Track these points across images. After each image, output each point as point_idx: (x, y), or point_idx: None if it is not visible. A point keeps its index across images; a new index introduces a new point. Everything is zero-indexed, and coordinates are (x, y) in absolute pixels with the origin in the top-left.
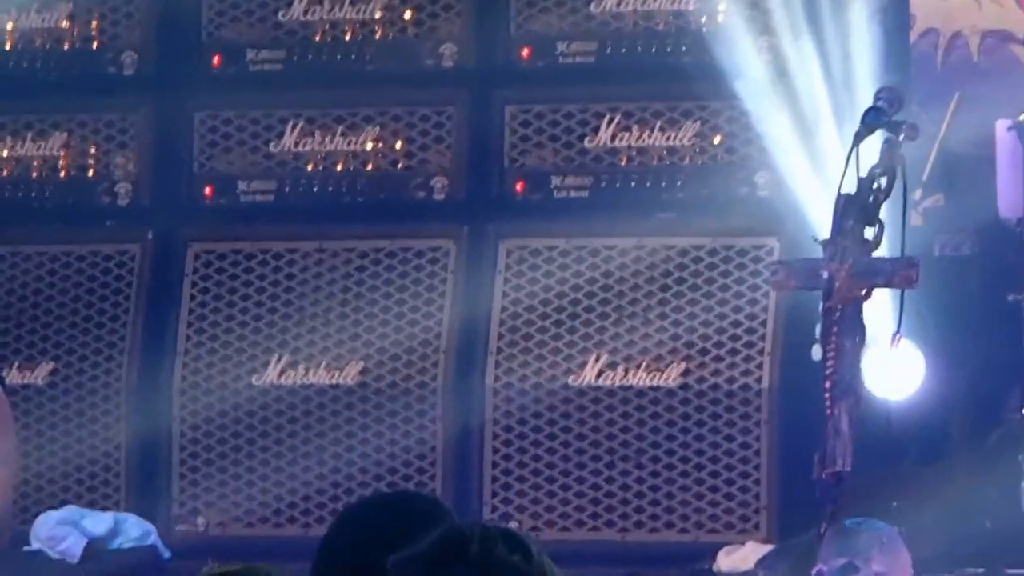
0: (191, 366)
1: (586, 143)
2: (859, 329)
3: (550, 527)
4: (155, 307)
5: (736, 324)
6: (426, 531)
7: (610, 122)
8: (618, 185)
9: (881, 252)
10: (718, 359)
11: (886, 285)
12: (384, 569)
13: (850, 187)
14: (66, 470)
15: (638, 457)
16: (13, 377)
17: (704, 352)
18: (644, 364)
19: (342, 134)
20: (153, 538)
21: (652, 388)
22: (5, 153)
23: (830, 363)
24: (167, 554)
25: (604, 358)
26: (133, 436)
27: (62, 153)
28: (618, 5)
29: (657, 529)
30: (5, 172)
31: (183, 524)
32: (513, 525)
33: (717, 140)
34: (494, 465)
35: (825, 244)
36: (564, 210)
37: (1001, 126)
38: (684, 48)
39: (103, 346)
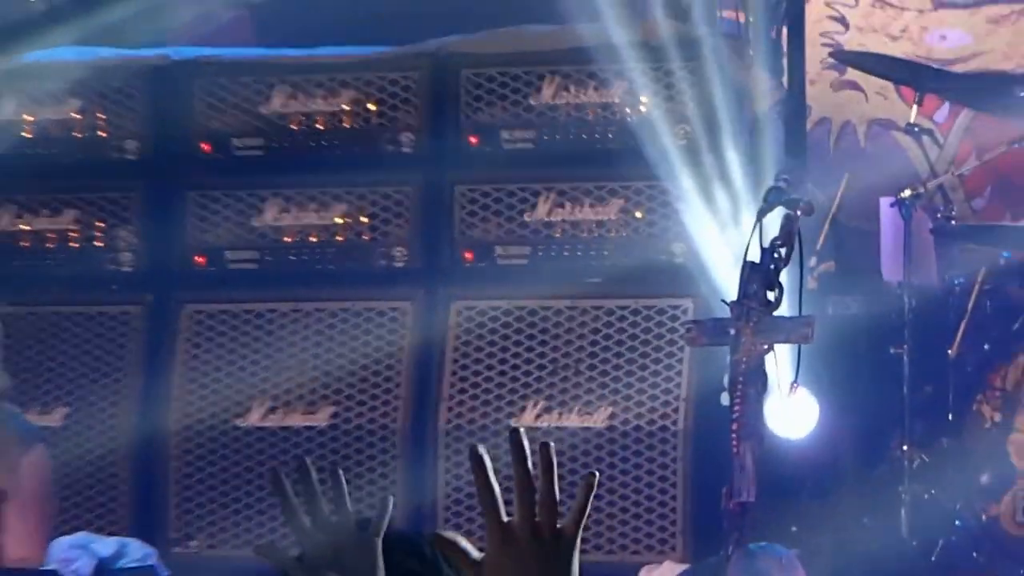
0: (192, 402)
1: (525, 217)
2: (762, 378)
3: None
4: (153, 359)
5: (655, 374)
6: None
7: (546, 199)
8: (553, 254)
9: (781, 312)
10: (640, 404)
11: (785, 341)
12: None
13: (754, 256)
14: (77, 500)
15: (571, 489)
16: (34, 418)
17: (628, 398)
18: (576, 408)
19: (314, 210)
20: (153, 559)
21: (583, 429)
22: (24, 227)
23: (736, 408)
24: (165, 573)
25: (541, 403)
26: (134, 470)
27: (72, 228)
28: (553, 98)
29: (587, 551)
30: (24, 243)
31: (179, 547)
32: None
33: (639, 215)
34: (446, 490)
35: (732, 305)
36: (507, 275)
37: (884, 202)
38: (610, 135)
39: (110, 393)
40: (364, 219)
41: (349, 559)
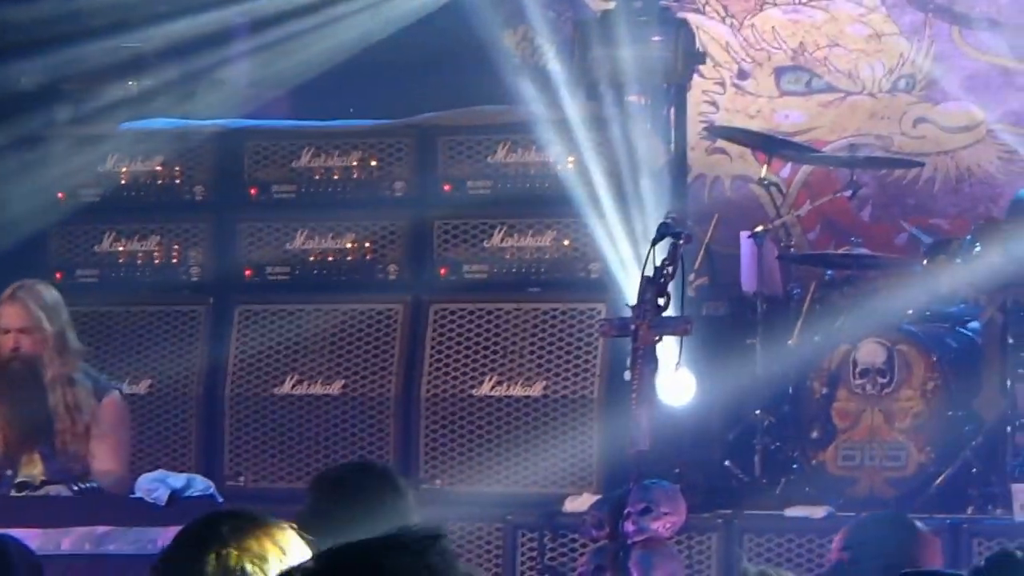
0: (242, 376)
1: (485, 244)
2: (654, 361)
3: (461, 481)
4: (213, 345)
5: (578, 357)
6: None
7: (500, 231)
8: (505, 270)
9: (668, 313)
10: (567, 378)
11: (671, 334)
12: None
13: (649, 272)
14: (157, 446)
15: (516, 439)
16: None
17: (558, 375)
18: (520, 382)
19: (332, 238)
20: (212, 490)
21: (525, 397)
22: (120, 248)
23: (635, 382)
24: (220, 500)
25: (495, 378)
26: (198, 425)
27: (156, 249)
28: (505, 157)
29: (527, 485)
30: (120, 260)
31: (231, 481)
32: (437, 483)
33: (567, 242)
34: (427, 440)
35: (633, 308)
36: (471, 286)
37: (744, 235)
38: (547, 184)
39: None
40: (368, 244)
41: None
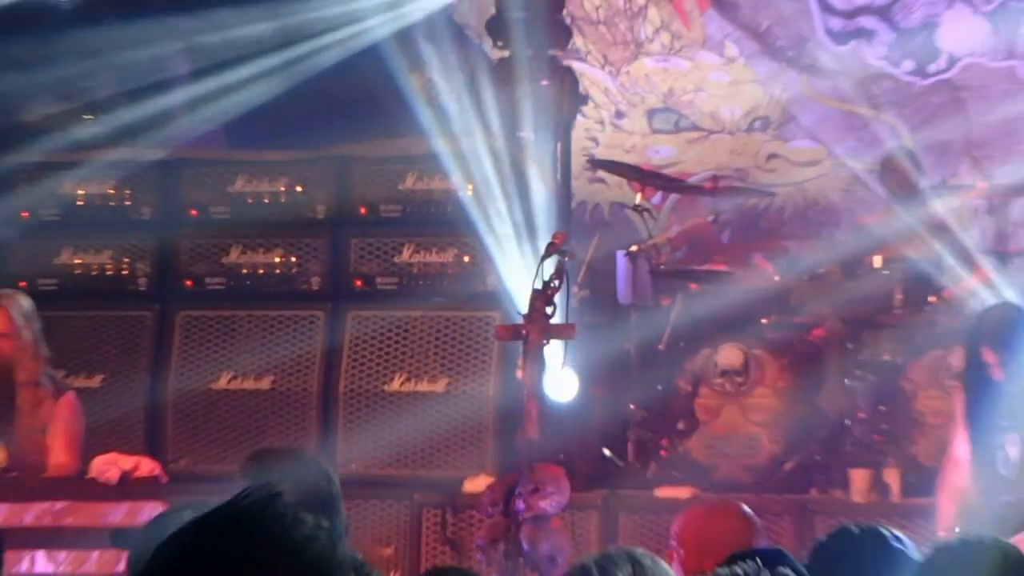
0: (182, 374)
1: (395, 259)
2: (542, 361)
3: (374, 466)
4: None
5: (476, 358)
6: None
7: (408, 248)
8: (413, 283)
9: (555, 320)
10: (466, 376)
11: (557, 338)
12: None
13: (538, 285)
14: (124, 434)
15: (422, 429)
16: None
17: (459, 373)
18: (426, 379)
19: (262, 253)
20: (158, 471)
21: (430, 392)
22: (77, 261)
23: (525, 380)
24: (164, 481)
25: (404, 375)
26: (147, 411)
27: (108, 262)
28: (413, 184)
29: (430, 468)
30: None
31: (173, 464)
32: (353, 468)
33: (466, 259)
34: (344, 430)
35: (524, 316)
36: (384, 296)
37: (620, 254)
38: (449, 208)
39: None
40: (293, 259)
41: None
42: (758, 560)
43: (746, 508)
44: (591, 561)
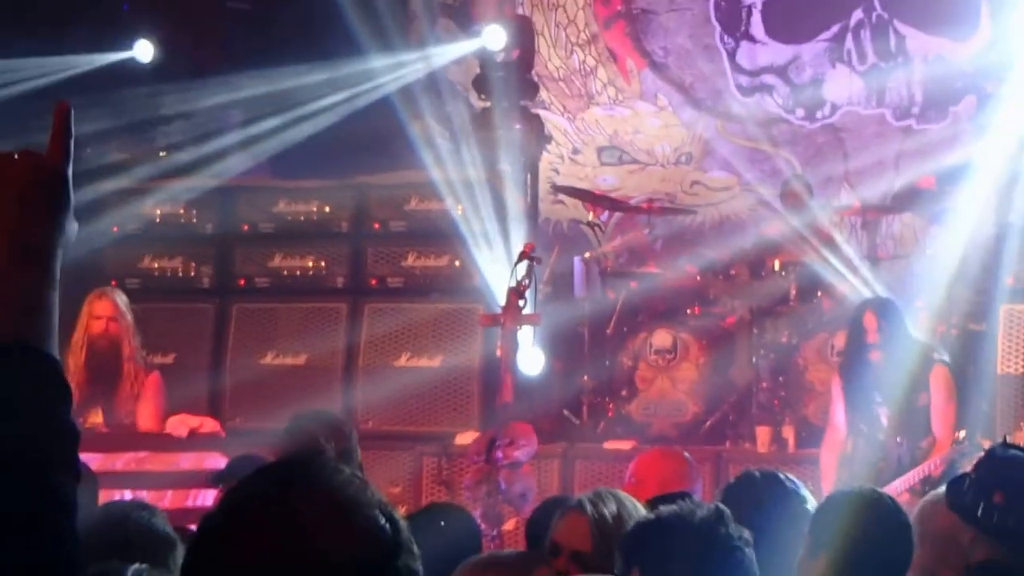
0: (239, 352)
1: (402, 263)
2: (516, 343)
3: (385, 424)
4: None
5: (464, 339)
6: None
7: (413, 254)
8: (415, 282)
9: (526, 310)
10: (456, 354)
11: (527, 324)
12: None
13: (513, 284)
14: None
15: (422, 395)
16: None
17: (451, 351)
18: (425, 355)
19: (299, 259)
20: (217, 427)
21: (429, 366)
22: (156, 265)
23: (502, 357)
24: (223, 436)
25: (409, 353)
26: (210, 383)
27: (180, 266)
28: (416, 205)
29: (429, 425)
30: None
31: (230, 421)
32: (370, 425)
33: (457, 263)
34: (362, 401)
35: (502, 308)
36: (393, 292)
37: (576, 259)
38: (443, 224)
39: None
40: (323, 264)
41: None
42: (692, 498)
43: (687, 454)
44: (584, 497)
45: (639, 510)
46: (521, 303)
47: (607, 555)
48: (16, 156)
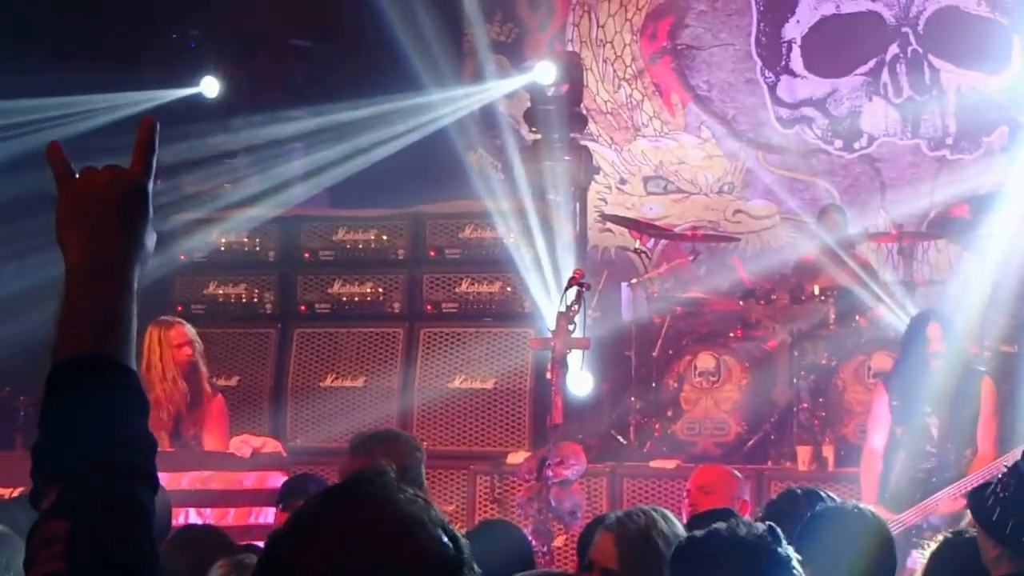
0: (300, 375)
1: (456, 289)
2: (565, 366)
3: (441, 443)
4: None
5: (516, 362)
6: None
7: (467, 280)
8: (469, 307)
9: (576, 334)
10: (509, 377)
11: (577, 348)
12: None
13: (563, 308)
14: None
15: (476, 416)
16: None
17: (503, 374)
18: (479, 378)
19: (357, 285)
20: (280, 448)
21: (482, 388)
22: (220, 292)
23: (552, 379)
24: (285, 456)
25: (463, 375)
26: (271, 406)
27: (244, 292)
28: (471, 234)
29: (483, 445)
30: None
31: (292, 442)
32: (425, 445)
33: (509, 289)
34: (419, 416)
35: (552, 331)
36: (448, 317)
37: (624, 285)
38: (497, 251)
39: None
40: (380, 290)
41: None
42: (737, 516)
43: (735, 470)
44: (614, 514)
45: (675, 528)
46: (571, 327)
47: (632, 572)
48: (100, 170)
